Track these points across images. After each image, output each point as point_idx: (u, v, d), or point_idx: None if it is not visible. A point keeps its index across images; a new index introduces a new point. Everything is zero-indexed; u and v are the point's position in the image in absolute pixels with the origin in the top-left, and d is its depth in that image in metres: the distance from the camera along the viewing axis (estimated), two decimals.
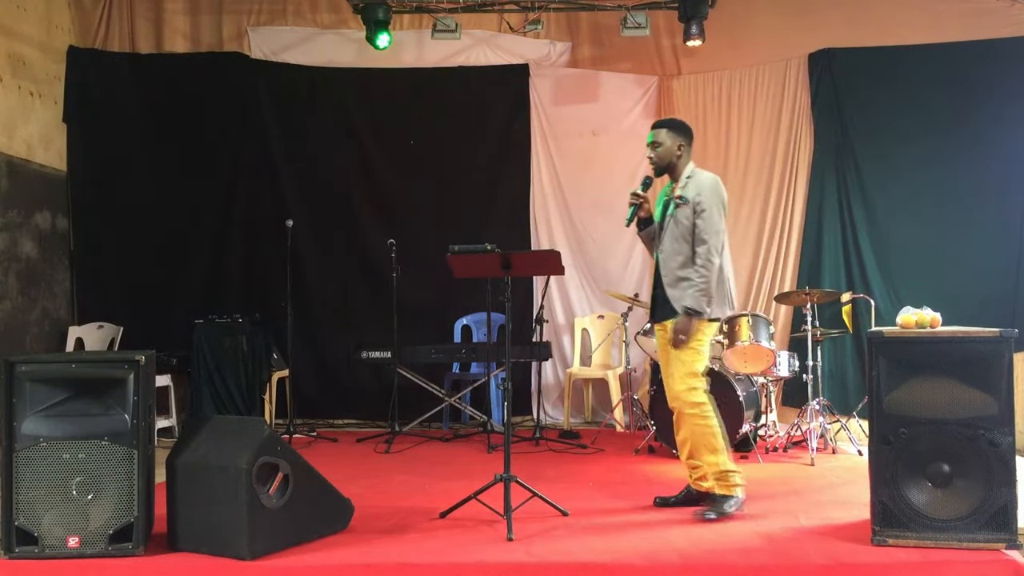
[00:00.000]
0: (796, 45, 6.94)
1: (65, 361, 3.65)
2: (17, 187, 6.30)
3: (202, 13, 7.33)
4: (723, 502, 4.04)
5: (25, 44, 6.46)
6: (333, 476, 3.91)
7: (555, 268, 4.15)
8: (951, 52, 6.44)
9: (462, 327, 7.10)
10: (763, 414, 6.01)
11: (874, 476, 3.58)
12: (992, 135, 6.37)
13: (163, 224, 7.08)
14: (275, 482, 3.51)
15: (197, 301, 6.97)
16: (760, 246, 7.05)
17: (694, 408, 4.06)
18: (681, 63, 7.39)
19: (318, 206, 7.23)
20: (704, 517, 3.98)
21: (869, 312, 6.12)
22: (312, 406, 7.11)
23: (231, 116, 7.21)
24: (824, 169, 6.82)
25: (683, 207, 4.14)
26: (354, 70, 7.29)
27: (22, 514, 3.43)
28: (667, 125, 4.31)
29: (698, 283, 4.03)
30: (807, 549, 3.54)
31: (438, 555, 3.47)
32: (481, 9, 6.87)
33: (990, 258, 6.33)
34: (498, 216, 7.23)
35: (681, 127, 4.32)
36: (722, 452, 4.07)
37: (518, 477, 4.00)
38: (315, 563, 3.41)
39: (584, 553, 3.49)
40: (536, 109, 7.29)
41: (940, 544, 3.45)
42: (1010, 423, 3.47)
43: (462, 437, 6.41)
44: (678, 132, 4.27)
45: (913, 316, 3.76)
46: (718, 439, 4.07)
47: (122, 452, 3.49)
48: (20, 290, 6.32)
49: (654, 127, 4.32)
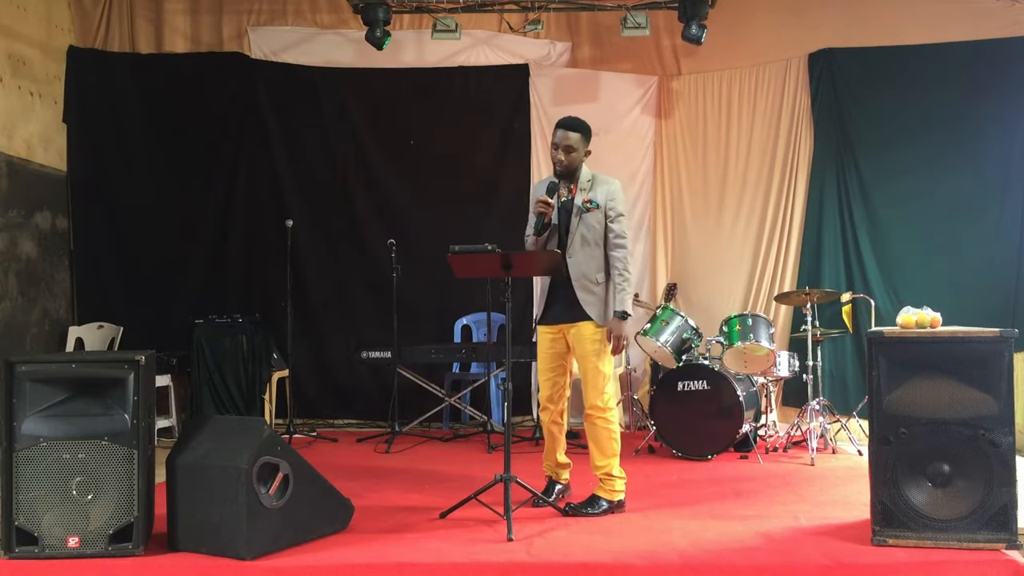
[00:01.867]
0: (796, 45, 6.94)
1: (65, 361, 3.65)
2: (17, 187, 6.30)
3: (202, 13, 7.33)
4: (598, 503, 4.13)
5: (25, 44, 6.46)
6: (333, 476, 3.92)
7: (555, 268, 4.14)
8: (951, 52, 6.44)
9: (462, 327, 7.10)
10: (763, 414, 6.02)
11: (874, 476, 3.58)
12: (992, 135, 6.36)
13: (163, 224, 7.08)
14: (275, 482, 3.51)
15: (197, 301, 6.97)
16: (760, 246, 7.05)
17: (606, 412, 4.14)
18: (681, 63, 7.39)
19: (318, 206, 7.23)
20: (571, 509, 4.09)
21: (869, 312, 6.12)
22: (312, 406, 7.11)
23: (231, 116, 7.21)
24: (824, 169, 6.82)
25: (594, 212, 4.16)
26: (354, 70, 7.29)
27: (22, 514, 3.43)
28: (579, 129, 4.20)
29: (624, 287, 4.12)
30: (807, 549, 3.54)
31: (438, 555, 3.47)
32: (481, 9, 6.87)
33: (990, 258, 6.33)
34: (498, 216, 7.22)
35: (588, 130, 4.24)
36: (616, 456, 4.18)
37: (518, 477, 4.00)
38: (315, 563, 3.41)
39: (584, 553, 3.49)
40: (536, 109, 7.28)
41: (940, 544, 3.45)
42: (1010, 423, 3.47)
43: (462, 437, 6.41)
44: (587, 136, 4.23)
45: (913, 316, 3.76)
46: (617, 444, 4.19)
47: (122, 452, 3.49)
48: (20, 290, 6.32)
49: (565, 128, 4.19)
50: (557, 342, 4.24)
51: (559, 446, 4.36)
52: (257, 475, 3.44)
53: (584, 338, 4.14)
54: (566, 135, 4.17)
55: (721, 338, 5.77)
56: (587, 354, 4.14)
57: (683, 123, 7.34)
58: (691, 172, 7.33)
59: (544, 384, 4.29)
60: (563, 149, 4.17)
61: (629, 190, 7.33)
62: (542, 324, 4.28)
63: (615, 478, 4.17)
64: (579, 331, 4.15)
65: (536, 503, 4.15)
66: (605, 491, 4.16)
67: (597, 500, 4.15)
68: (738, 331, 5.65)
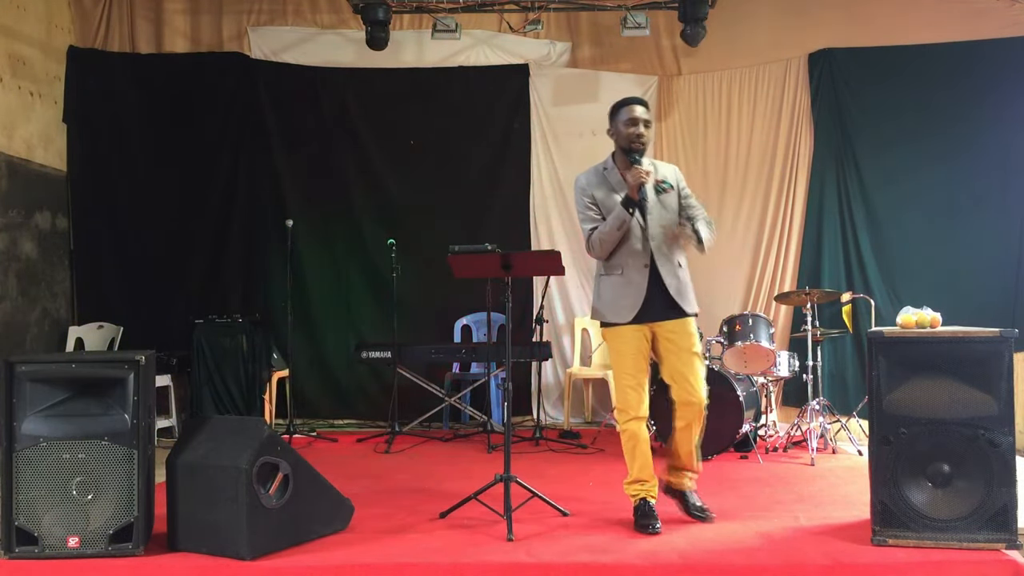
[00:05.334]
0: (796, 45, 6.95)
1: (65, 361, 3.65)
2: (17, 187, 6.30)
3: (202, 13, 7.33)
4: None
5: (25, 44, 6.46)
6: (333, 476, 3.91)
7: (555, 268, 4.13)
8: (951, 52, 6.44)
9: (462, 327, 7.10)
10: (763, 414, 6.01)
11: (874, 476, 3.58)
12: (992, 135, 6.37)
13: (163, 224, 7.08)
14: (275, 482, 3.51)
15: (197, 301, 6.97)
16: (760, 246, 7.06)
17: (699, 401, 3.96)
18: (681, 63, 7.39)
19: (318, 206, 7.23)
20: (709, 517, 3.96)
21: (869, 312, 6.12)
22: (312, 406, 7.12)
23: (231, 116, 7.21)
24: (824, 169, 6.82)
25: (670, 192, 3.95)
26: (354, 70, 7.29)
27: (22, 514, 3.43)
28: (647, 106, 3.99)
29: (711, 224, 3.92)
30: (807, 549, 3.53)
31: (438, 555, 3.47)
32: (481, 9, 6.87)
33: (990, 258, 6.33)
34: (498, 216, 7.23)
35: None
36: None
37: (518, 477, 4.00)
38: (315, 563, 3.41)
39: (584, 553, 3.49)
40: (536, 109, 7.29)
41: (940, 544, 3.45)
42: (1010, 423, 3.47)
43: (462, 437, 6.41)
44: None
45: (913, 316, 3.76)
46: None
47: (122, 452, 3.48)
48: (20, 290, 6.32)
49: (642, 104, 3.94)
50: (643, 342, 3.92)
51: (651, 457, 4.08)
52: (257, 475, 3.44)
53: (689, 333, 3.89)
54: (646, 110, 3.92)
55: (721, 338, 5.77)
56: (692, 347, 3.90)
57: (683, 123, 7.34)
58: (691, 172, 7.31)
59: (631, 390, 3.90)
60: (645, 124, 3.90)
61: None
62: (631, 323, 3.87)
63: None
64: (682, 326, 3.89)
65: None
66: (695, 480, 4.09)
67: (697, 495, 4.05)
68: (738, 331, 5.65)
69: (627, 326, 3.87)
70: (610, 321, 3.93)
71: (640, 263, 3.85)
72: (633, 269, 3.86)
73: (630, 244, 3.86)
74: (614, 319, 3.90)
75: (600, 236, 3.87)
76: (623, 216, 3.80)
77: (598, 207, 3.92)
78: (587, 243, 3.95)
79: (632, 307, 3.85)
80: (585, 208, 3.95)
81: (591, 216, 3.93)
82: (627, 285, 3.86)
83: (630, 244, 3.86)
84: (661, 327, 3.90)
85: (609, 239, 3.85)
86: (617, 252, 3.88)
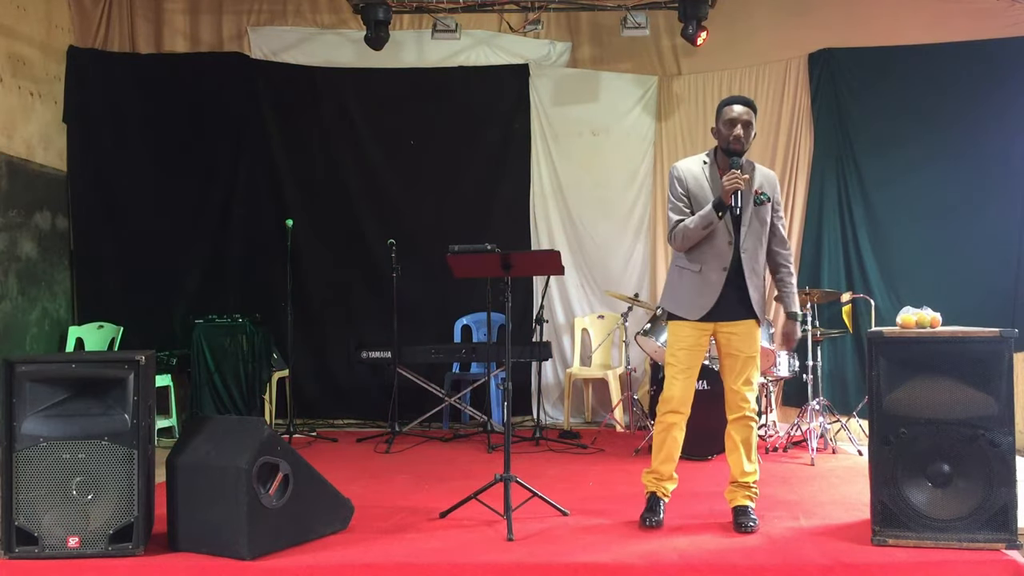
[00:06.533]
0: (796, 45, 6.94)
1: (65, 361, 3.64)
2: (17, 187, 6.30)
3: (202, 13, 7.33)
4: (751, 514, 3.86)
5: (25, 44, 6.46)
6: (333, 476, 3.91)
7: (555, 268, 4.13)
8: (951, 52, 6.44)
9: (462, 327, 7.10)
10: (763, 414, 6.01)
11: (874, 476, 3.59)
12: (992, 135, 6.36)
13: (163, 224, 7.08)
14: (275, 482, 3.51)
15: (197, 301, 6.97)
16: None
17: (752, 412, 3.93)
18: (681, 63, 7.39)
19: (318, 206, 7.24)
20: (751, 527, 3.80)
21: (869, 312, 6.12)
22: (312, 406, 7.12)
23: (231, 116, 7.20)
24: (824, 169, 6.82)
25: (766, 205, 3.84)
26: (354, 70, 7.29)
27: (22, 514, 3.43)
28: (754, 107, 3.83)
29: (792, 286, 3.94)
30: (807, 549, 3.53)
31: (438, 555, 3.47)
32: (481, 9, 6.87)
33: (990, 258, 6.32)
34: (498, 216, 7.23)
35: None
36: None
37: (518, 477, 4.00)
38: (315, 563, 3.41)
39: (584, 553, 3.49)
40: (536, 109, 7.29)
41: (940, 544, 3.45)
42: (1010, 423, 3.47)
43: (462, 437, 6.41)
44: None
45: (913, 316, 3.76)
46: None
47: (122, 452, 3.48)
48: (20, 290, 6.32)
49: (745, 104, 3.79)
50: (704, 339, 3.89)
51: (677, 455, 3.98)
52: (257, 475, 3.44)
53: (754, 338, 3.86)
54: (748, 110, 3.78)
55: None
56: (754, 354, 3.87)
57: (683, 123, 7.34)
58: None
59: (678, 380, 3.85)
60: (744, 125, 3.76)
61: (629, 190, 7.36)
62: (697, 320, 3.84)
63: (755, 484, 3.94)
64: (748, 330, 3.85)
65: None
66: (752, 498, 3.91)
67: (750, 510, 3.86)
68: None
69: (693, 322, 3.86)
70: (678, 315, 3.90)
71: (720, 265, 3.81)
72: (712, 269, 3.82)
73: (715, 244, 3.80)
74: (683, 314, 3.87)
75: (684, 231, 3.81)
76: (711, 218, 3.74)
77: (689, 200, 3.86)
78: (670, 233, 3.90)
79: (705, 306, 3.82)
80: (676, 198, 3.88)
81: (680, 207, 3.86)
82: (704, 284, 3.83)
83: (715, 244, 3.80)
84: (725, 326, 3.87)
85: (692, 236, 3.79)
86: (699, 249, 3.83)
